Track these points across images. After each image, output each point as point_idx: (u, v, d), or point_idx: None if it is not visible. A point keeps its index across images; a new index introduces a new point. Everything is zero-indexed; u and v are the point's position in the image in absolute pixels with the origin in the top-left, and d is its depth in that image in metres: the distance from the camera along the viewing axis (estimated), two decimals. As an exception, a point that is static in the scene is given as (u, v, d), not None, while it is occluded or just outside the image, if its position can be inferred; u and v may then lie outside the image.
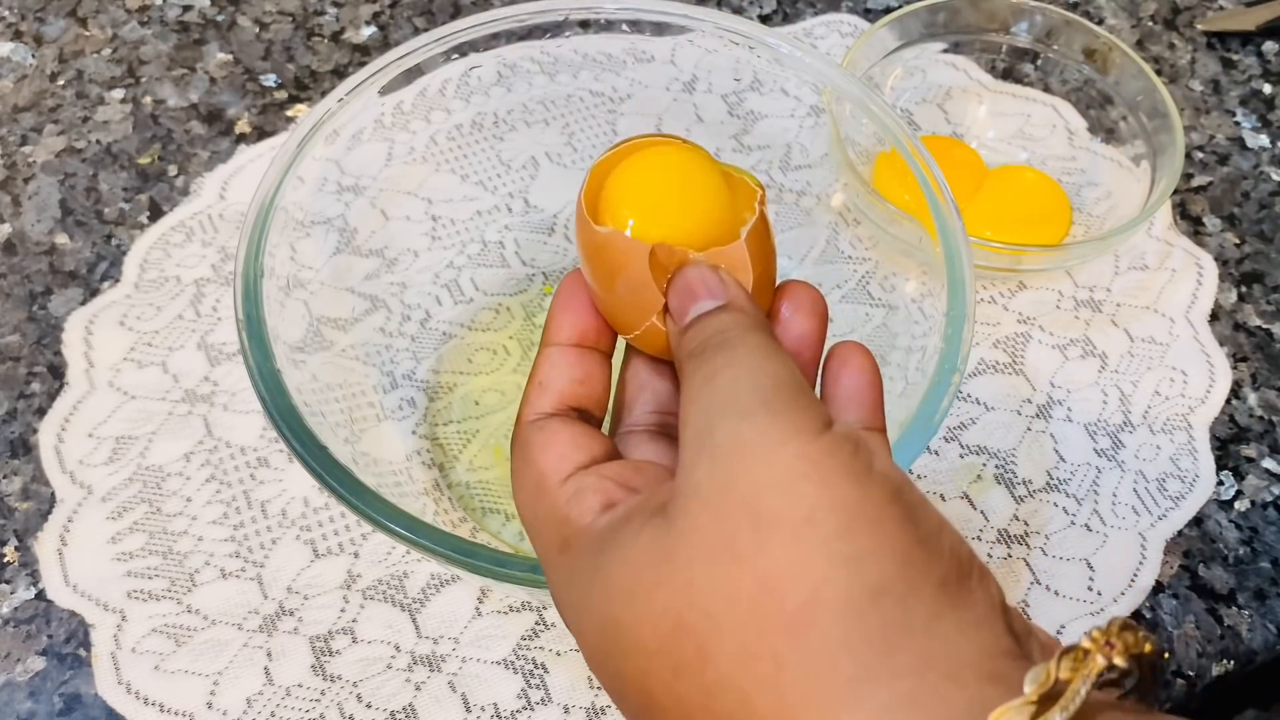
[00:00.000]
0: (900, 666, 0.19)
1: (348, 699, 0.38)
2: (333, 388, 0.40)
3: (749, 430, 0.21)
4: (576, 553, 0.24)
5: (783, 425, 0.21)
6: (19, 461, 0.43)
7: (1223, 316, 0.50)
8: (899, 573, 0.20)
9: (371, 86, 0.39)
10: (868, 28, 0.55)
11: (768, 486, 0.21)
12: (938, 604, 0.20)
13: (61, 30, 0.58)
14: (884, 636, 0.19)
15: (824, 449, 0.21)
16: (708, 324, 0.25)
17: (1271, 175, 0.56)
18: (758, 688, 0.19)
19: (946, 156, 0.53)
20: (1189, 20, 0.62)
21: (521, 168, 0.51)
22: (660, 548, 0.21)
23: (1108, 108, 0.55)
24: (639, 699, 0.22)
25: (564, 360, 0.28)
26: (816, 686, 0.19)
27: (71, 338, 0.46)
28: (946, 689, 0.19)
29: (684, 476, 0.22)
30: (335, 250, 0.43)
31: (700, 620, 0.20)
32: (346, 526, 0.42)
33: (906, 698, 0.18)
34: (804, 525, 0.20)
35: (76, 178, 0.52)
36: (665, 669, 0.21)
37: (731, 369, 0.23)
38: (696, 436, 0.22)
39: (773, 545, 0.20)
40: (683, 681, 0.20)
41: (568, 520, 0.25)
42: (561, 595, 0.24)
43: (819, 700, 0.19)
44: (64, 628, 0.39)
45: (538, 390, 0.28)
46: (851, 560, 0.20)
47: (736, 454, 0.21)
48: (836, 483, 0.21)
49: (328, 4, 0.59)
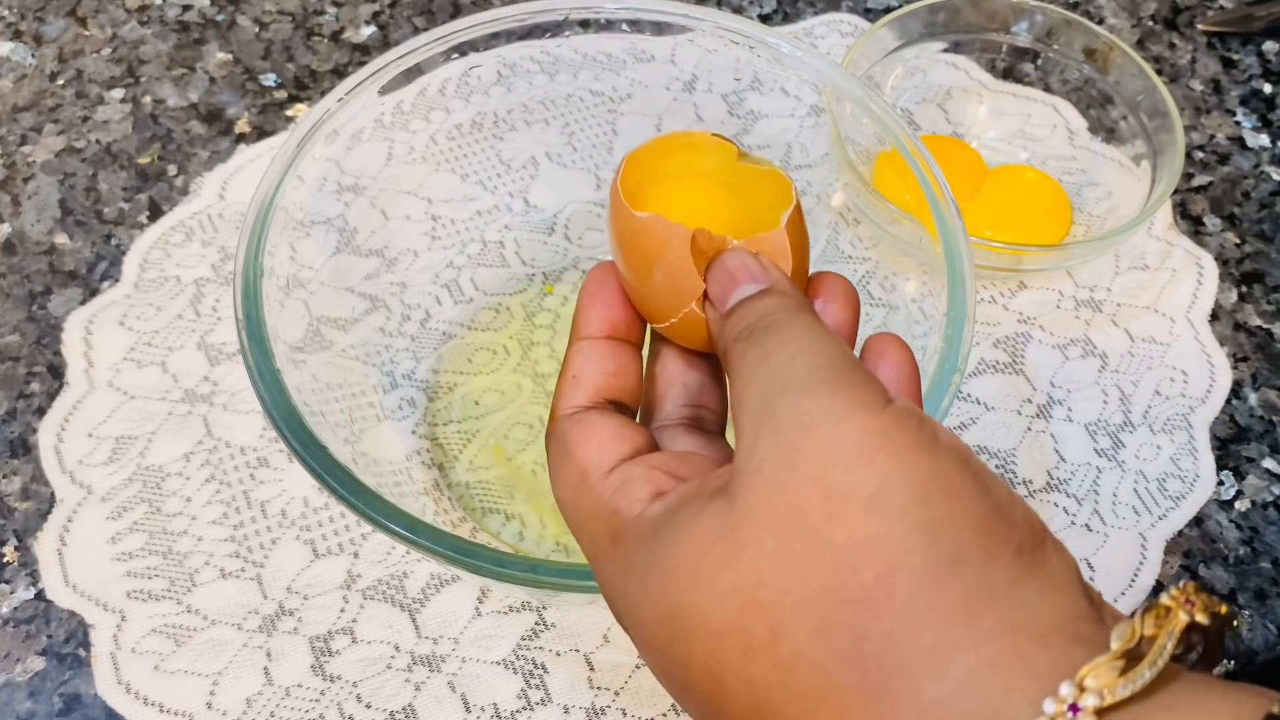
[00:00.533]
0: (983, 632, 0.19)
1: (347, 699, 0.38)
2: (333, 388, 0.40)
3: (811, 406, 0.21)
4: (629, 542, 0.23)
5: (845, 400, 0.21)
6: (19, 461, 0.43)
7: (1223, 316, 0.50)
8: (976, 541, 0.19)
9: (371, 86, 0.39)
10: (868, 28, 0.55)
11: (836, 460, 0.20)
12: (1016, 570, 0.19)
13: (61, 30, 0.58)
14: (965, 603, 0.19)
15: (889, 421, 0.21)
16: (752, 307, 0.25)
17: (1272, 175, 0.56)
18: (837, 661, 0.19)
19: (946, 156, 0.53)
20: (1189, 20, 0.62)
21: (521, 168, 0.51)
22: (725, 527, 0.21)
23: (1108, 107, 0.55)
24: (706, 685, 0.21)
25: (596, 353, 0.28)
26: (898, 656, 0.19)
27: (71, 337, 0.46)
28: (1032, 651, 0.18)
29: (745, 456, 0.22)
30: (335, 250, 0.43)
31: (772, 597, 0.20)
32: (346, 526, 0.42)
33: (992, 662, 0.18)
34: (876, 496, 0.20)
35: (76, 177, 0.52)
36: (735, 650, 0.20)
37: (786, 349, 0.23)
38: (756, 416, 0.22)
39: (845, 518, 0.20)
40: (754, 661, 0.20)
41: (616, 511, 0.24)
42: (615, 588, 0.24)
43: (902, 670, 0.19)
44: (64, 628, 0.39)
45: (572, 384, 0.27)
46: (928, 529, 0.19)
47: (800, 430, 0.21)
48: (906, 454, 0.20)
49: (328, 4, 0.59)
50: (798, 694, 0.19)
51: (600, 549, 0.24)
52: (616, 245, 0.28)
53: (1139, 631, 0.18)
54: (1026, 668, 0.18)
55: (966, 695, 0.18)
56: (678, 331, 0.28)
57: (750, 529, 0.21)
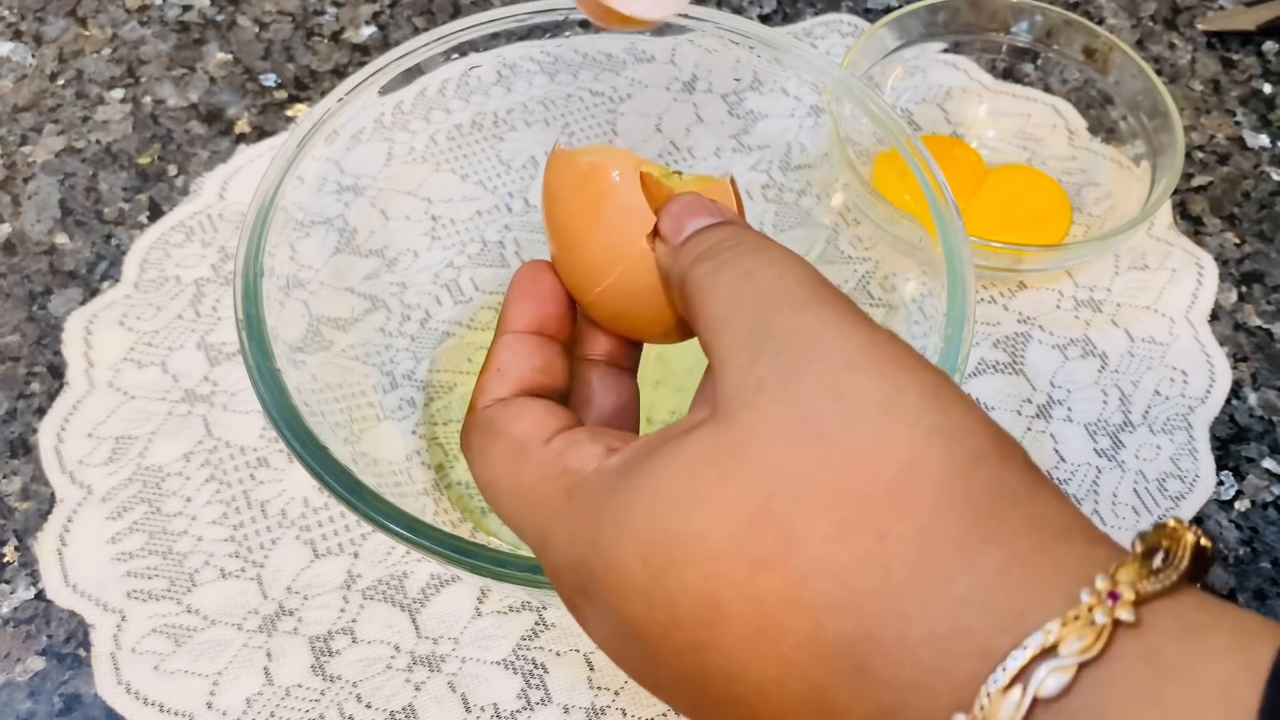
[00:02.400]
0: (1009, 530, 0.18)
1: (347, 699, 0.38)
2: (333, 388, 0.40)
3: (813, 320, 0.20)
4: (592, 490, 0.21)
5: (845, 315, 0.21)
6: (19, 461, 0.43)
7: (1223, 316, 0.50)
8: (993, 445, 0.19)
9: (371, 86, 0.39)
10: (868, 28, 0.55)
11: (845, 369, 0.20)
12: (1029, 476, 0.19)
13: (61, 30, 0.58)
14: (990, 501, 0.18)
15: (889, 337, 0.20)
16: (713, 233, 0.24)
17: (1271, 175, 0.56)
18: (857, 566, 0.18)
19: (946, 156, 0.53)
20: (1189, 20, 0.62)
21: (521, 168, 0.51)
22: (723, 447, 0.20)
23: (1108, 107, 0.55)
24: (701, 614, 0.19)
25: (524, 348, 0.27)
26: (925, 555, 0.18)
27: (71, 338, 0.46)
28: (1058, 548, 0.18)
29: (740, 376, 0.20)
30: (335, 250, 0.43)
31: (784, 506, 0.18)
32: (346, 526, 0.42)
33: (1021, 557, 0.18)
34: (892, 399, 0.19)
35: (76, 178, 0.52)
36: (738, 568, 0.19)
37: (772, 267, 0.22)
38: (750, 334, 0.21)
39: (861, 420, 0.19)
40: (763, 577, 0.18)
41: (568, 470, 0.22)
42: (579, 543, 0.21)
43: (928, 569, 0.18)
44: (64, 628, 0.39)
45: (495, 377, 0.26)
46: (945, 431, 0.19)
47: (805, 342, 0.20)
48: (912, 365, 0.20)
49: (328, 4, 0.59)
50: (810, 608, 0.18)
51: (552, 513, 0.22)
52: (555, 205, 0.28)
53: (1156, 541, 0.18)
54: (1055, 564, 0.18)
55: (998, 589, 0.17)
56: (617, 292, 0.27)
57: (755, 443, 0.19)
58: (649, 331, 0.28)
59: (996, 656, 0.17)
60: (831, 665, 0.18)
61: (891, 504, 0.18)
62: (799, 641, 0.18)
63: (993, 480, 0.19)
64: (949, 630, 0.17)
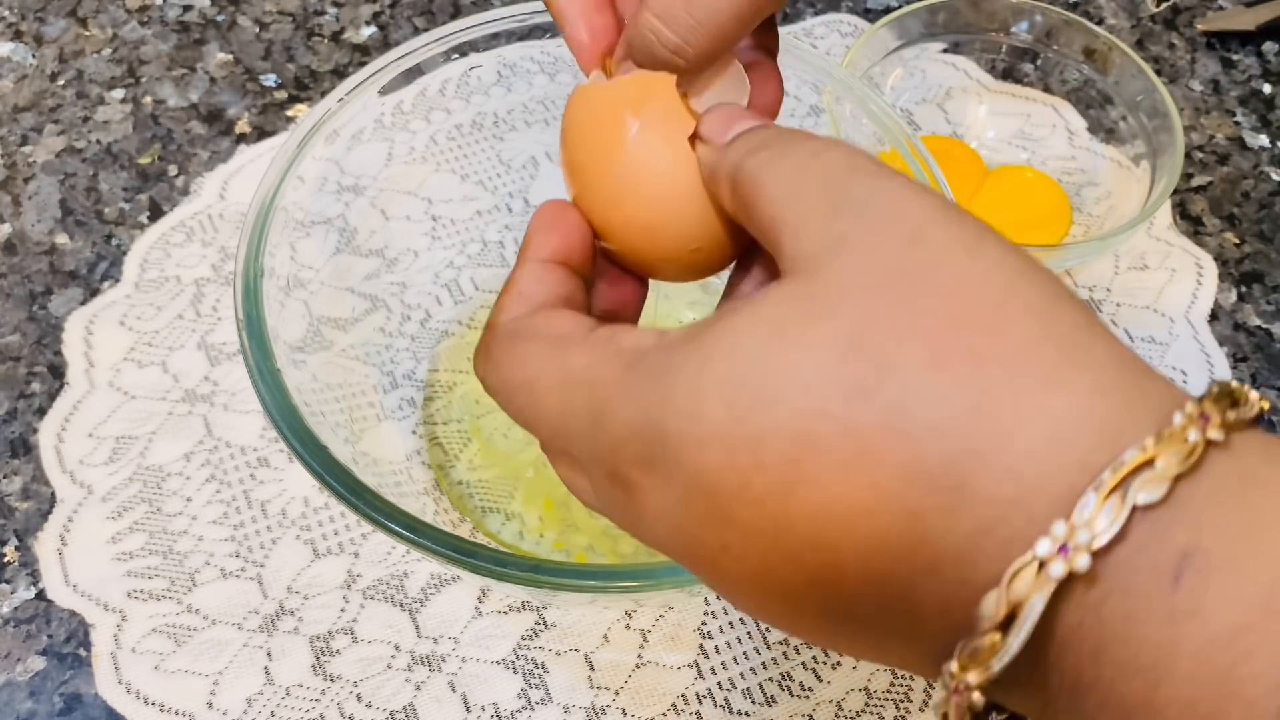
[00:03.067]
0: (1098, 359, 0.19)
1: (348, 699, 0.38)
2: (333, 387, 0.40)
3: (889, 184, 0.21)
4: (658, 357, 0.21)
5: (916, 182, 0.21)
6: (19, 461, 0.43)
7: (1222, 316, 0.50)
8: (1071, 292, 0.20)
9: (371, 86, 0.39)
10: (868, 28, 0.55)
11: (929, 222, 0.20)
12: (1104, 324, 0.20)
13: (62, 30, 0.58)
14: (1077, 334, 0.19)
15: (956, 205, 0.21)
16: (761, 131, 0.24)
17: (1271, 175, 0.56)
18: (958, 387, 0.18)
19: (946, 156, 0.54)
20: (1189, 20, 0.62)
21: (521, 168, 0.51)
22: (806, 297, 0.20)
23: (1108, 108, 0.55)
24: (790, 451, 0.18)
25: (548, 275, 0.26)
26: (1022, 371, 0.18)
27: (72, 337, 0.46)
28: (1145, 380, 0.19)
29: (814, 238, 0.20)
30: (335, 250, 0.43)
31: (879, 338, 0.19)
32: (346, 526, 0.42)
33: (1112, 383, 0.18)
34: (976, 245, 0.20)
35: (77, 178, 0.52)
36: (833, 399, 0.18)
37: (837, 147, 0.22)
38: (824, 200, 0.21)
39: (949, 263, 0.19)
40: (859, 406, 0.18)
41: (623, 348, 0.22)
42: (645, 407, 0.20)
43: (1026, 388, 0.18)
44: (64, 627, 0.39)
45: (518, 299, 0.25)
46: (1029, 273, 0.19)
47: (883, 202, 0.20)
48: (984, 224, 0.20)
49: (328, 4, 0.59)
50: (909, 432, 0.18)
51: (611, 383, 0.21)
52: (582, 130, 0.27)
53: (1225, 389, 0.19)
54: (1143, 391, 0.19)
55: (1095, 408, 0.18)
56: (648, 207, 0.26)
57: (842, 288, 0.19)
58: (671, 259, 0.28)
59: (1095, 469, 0.17)
60: (930, 487, 0.18)
61: (986, 330, 0.19)
62: (897, 467, 0.18)
63: (1078, 317, 0.19)
64: (1048, 445, 0.18)
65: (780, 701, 0.39)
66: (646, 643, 0.40)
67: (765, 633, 0.40)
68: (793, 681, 0.39)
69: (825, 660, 0.39)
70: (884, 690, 0.39)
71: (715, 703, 0.38)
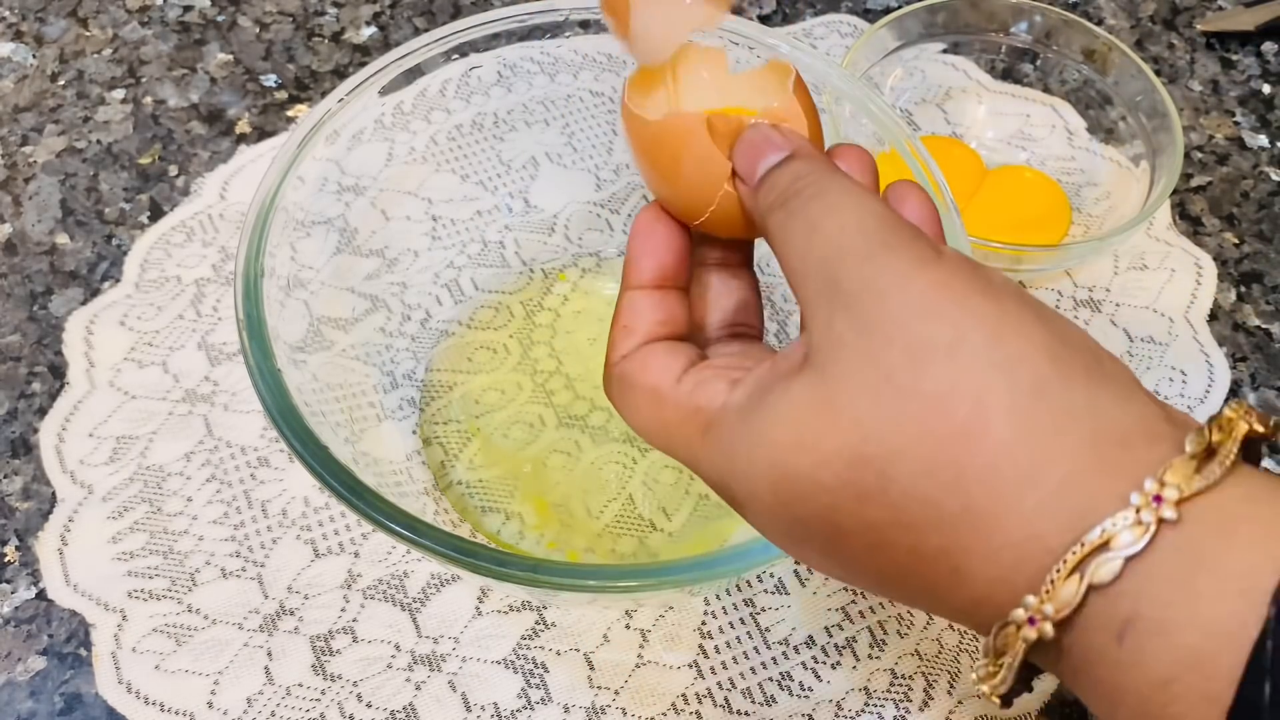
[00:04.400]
0: (1071, 446, 0.21)
1: (348, 698, 0.38)
2: (333, 387, 0.40)
3: (874, 272, 0.23)
4: (724, 429, 0.25)
5: (904, 259, 0.23)
6: (20, 461, 0.43)
7: (1222, 316, 0.50)
8: (1051, 368, 0.22)
9: (372, 87, 0.39)
10: (868, 28, 0.55)
11: (912, 319, 0.22)
12: (1089, 387, 0.22)
13: (62, 30, 0.58)
14: (1051, 425, 0.21)
15: (949, 272, 0.23)
16: (782, 174, 0.26)
17: (1271, 175, 0.56)
18: (944, 494, 0.21)
19: (946, 156, 0.54)
20: (1188, 20, 0.62)
21: (521, 168, 0.51)
22: (818, 399, 0.23)
23: (1107, 108, 0.55)
24: (826, 532, 0.23)
25: (647, 303, 0.29)
26: (998, 481, 0.21)
27: (72, 337, 0.46)
28: (1117, 455, 0.21)
29: (821, 331, 0.23)
30: (335, 250, 0.43)
31: (876, 451, 0.22)
32: (347, 526, 0.42)
33: (1083, 469, 0.21)
34: (955, 344, 0.22)
35: (77, 178, 0.52)
36: (848, 500, 0.22)
37: (833, 216, 0.24)
38: (823, 290, 0.24)
39: (930, 369, 0.22)
40: (869, 507, 0.22)
41: (700, 408, 0.26)
42: (723, 473, 0.25)
43: (1002, 492, 0.21)
44: (64, 627, 0.39)
45: (624, 334, 0.28)
46: (1006, 366, 0.22)
47: (871, 297, 0.23)
48: (971, 300, 0.22)
49: (328, 4, 0.60)
50: (910, 527, 0.22)
51: (695, 447, 0.26)
52: (640, 158, 0.29)
53: (1208, 438, 0.21)
54: (1113, 469, 0.21)
55: (1064, 498, 0.21)
56: (717, 222, 0.29)
57: (844, 396, 0.23)
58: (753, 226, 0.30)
59: (1060, 553, 0.21)
60: (934, 569, 0.22)
61: (963, 442, 0.21)
62: (905, 552, 0.22)
63: (1054, 404, 0.21)
64: (1023, 537, 0.21)
65: (780, 701, 0.39)
66: (646, 642, 0.40)
67: (765, 632, 0.40)
68: (792, 681, 0.39)
69: (825, 660, 0.39)
70: (884, 690, 0.39)
71: (715, 702, 0.39)
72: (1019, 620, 0.21)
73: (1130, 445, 0.21)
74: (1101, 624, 0.20)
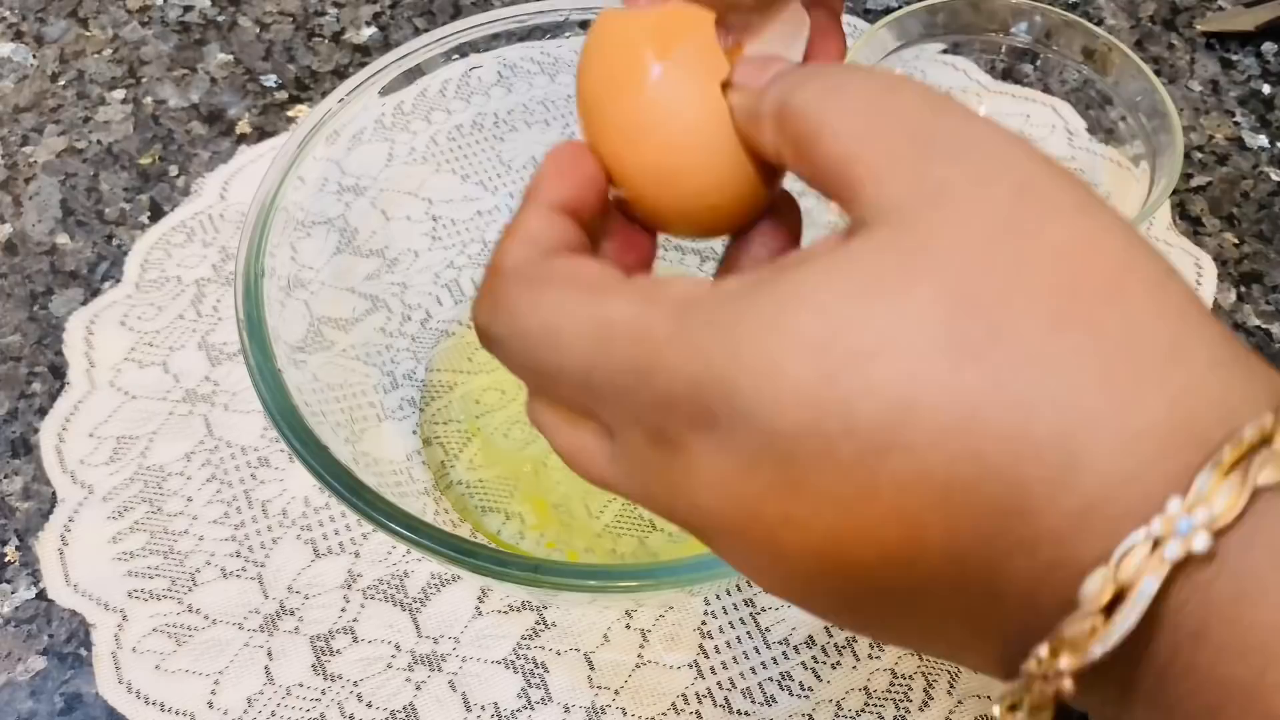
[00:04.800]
0: (1210, 336, 0.18)
1: (348, 698, 0.38)
2: (333, 387, 0.40)
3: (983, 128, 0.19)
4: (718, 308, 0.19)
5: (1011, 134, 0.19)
6: (20, 461, 0.43)
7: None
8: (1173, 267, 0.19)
9: (372, 87, 0.39)
10: (867, 28, 0.55)
11: (1034, 173, 0.19)
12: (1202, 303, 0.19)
13: (62, 31, 0.58)
14: (1190, 309, 0.18)
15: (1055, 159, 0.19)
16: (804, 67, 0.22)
17: (1271, 175, 0.56)
18: (1076, 357, 0.17)
19: (946, 157, 0.53)
20: (1188, 21, 0.62)
21: (522, 168, 0.51)
22: (905, 248, 0.18)
23: (1107, 108, 0.55)
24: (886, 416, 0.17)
25: (560, 222, 0.23)
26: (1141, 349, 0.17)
27: (72, 338, 0.46)
28: (1249, 356, 0.18)
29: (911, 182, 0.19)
30: (336, 250, 0.43)
31: (991, 297, 0.17)
32: (347, 526, 0.42)
33: (1224, 360, 0.18)
34: (1086, 204, 0.18)
35: (77, 178, 0.52)
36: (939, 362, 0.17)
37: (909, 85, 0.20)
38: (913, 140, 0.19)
39: (1063, 220, 0.18)
40: (966, 370, 0.17)
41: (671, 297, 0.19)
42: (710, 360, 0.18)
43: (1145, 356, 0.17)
44: (65, 627, 0.39)
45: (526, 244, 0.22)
46: (1139, 241, 0.18)
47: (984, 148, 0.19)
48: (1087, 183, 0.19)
49: (328, 4, 0.60)
50: (1022, 400, 0.17)
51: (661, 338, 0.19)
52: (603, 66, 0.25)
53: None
54: (1251, 371, 0.18)
55: (1211, 384, 0.17)
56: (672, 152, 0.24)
57: (947, 241, 0.18)
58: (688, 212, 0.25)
59: (1212, 445, 0.16)
60: (1038, 459, 0.17)
61: (1104, 298, 0.17)
62: (1004, 436, 0.17)
63: (1187, 292, 0.18)
64: (1167, 423, 0.17)
65: (780, 701, 0.39)
66: (646, 642, 0.40)
67: (765, 632, 0.40)
68: (792, 681, 0.39)
69: (825, 660, 0.39)
70: (884, 690, 0.39)
71: (715, 702, 0.39)
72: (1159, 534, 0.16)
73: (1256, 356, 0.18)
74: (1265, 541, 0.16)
